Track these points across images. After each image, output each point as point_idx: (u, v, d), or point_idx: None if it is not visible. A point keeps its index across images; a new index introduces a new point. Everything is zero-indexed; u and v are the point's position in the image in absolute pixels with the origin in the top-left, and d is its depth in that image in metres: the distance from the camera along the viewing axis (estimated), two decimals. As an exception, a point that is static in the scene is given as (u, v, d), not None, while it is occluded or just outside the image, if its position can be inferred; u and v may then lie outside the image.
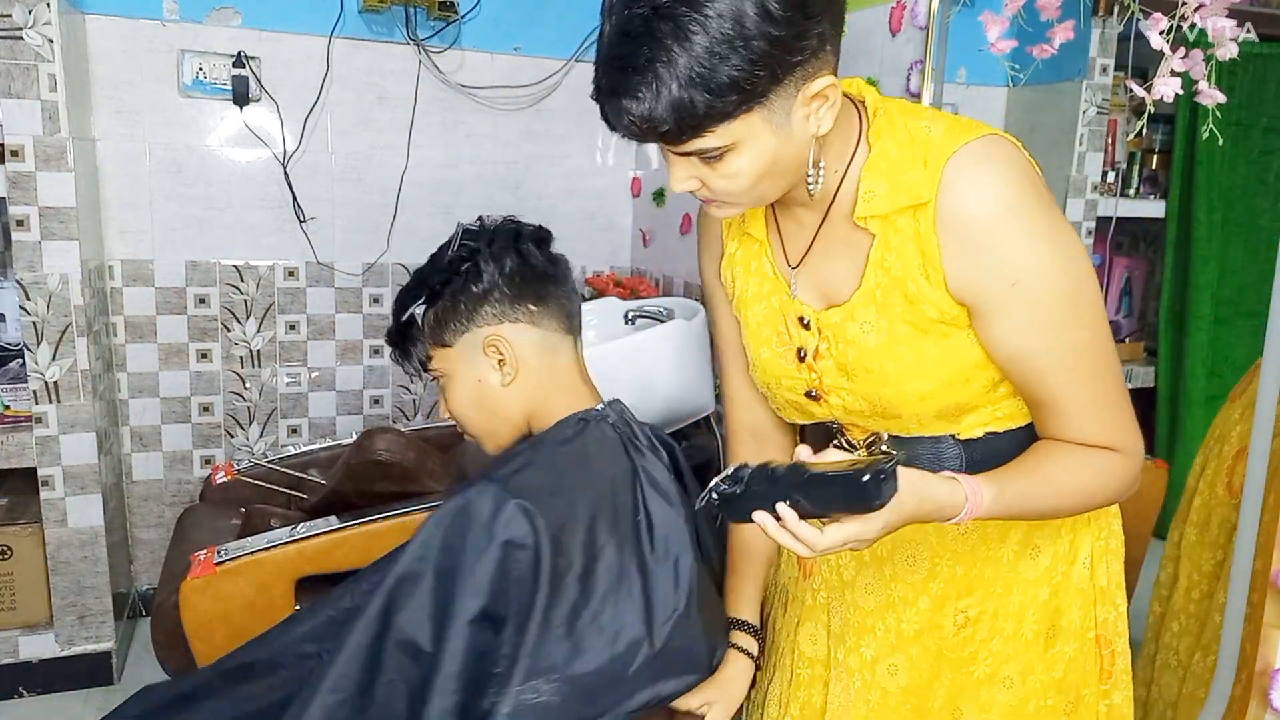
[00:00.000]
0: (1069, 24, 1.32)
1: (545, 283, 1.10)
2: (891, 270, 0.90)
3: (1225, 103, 1.28)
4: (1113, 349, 0.90)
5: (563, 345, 1.12)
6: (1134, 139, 2.87)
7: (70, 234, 2.00)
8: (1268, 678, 1.02)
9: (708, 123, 0.78)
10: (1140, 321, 3.16)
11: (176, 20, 2.30)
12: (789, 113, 0.81)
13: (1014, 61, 2.18)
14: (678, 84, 0.75)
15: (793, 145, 0.83)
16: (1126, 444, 0.91)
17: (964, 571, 1.01)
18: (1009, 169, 0.85)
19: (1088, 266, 0.88)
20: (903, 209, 0.87)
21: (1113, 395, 0.90)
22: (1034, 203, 0.85)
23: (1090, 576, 1.02)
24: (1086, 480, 0.91)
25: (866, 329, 0.92)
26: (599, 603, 0.99)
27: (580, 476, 1.04)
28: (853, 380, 0.95)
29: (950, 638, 1.02)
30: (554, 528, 0.97)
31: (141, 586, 2.51)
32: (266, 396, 2.57)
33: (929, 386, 0.92)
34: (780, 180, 0.87)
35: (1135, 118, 2.81)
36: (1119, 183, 2.79)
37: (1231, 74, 2.59)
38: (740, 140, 0.80)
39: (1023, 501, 0.89)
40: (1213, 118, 1.38)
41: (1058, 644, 1.01)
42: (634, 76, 0.77)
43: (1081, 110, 2.52)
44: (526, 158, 2.71)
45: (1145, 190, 2.92)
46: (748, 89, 0.77)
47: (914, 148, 0.87)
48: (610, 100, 0.80)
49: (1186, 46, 1.24)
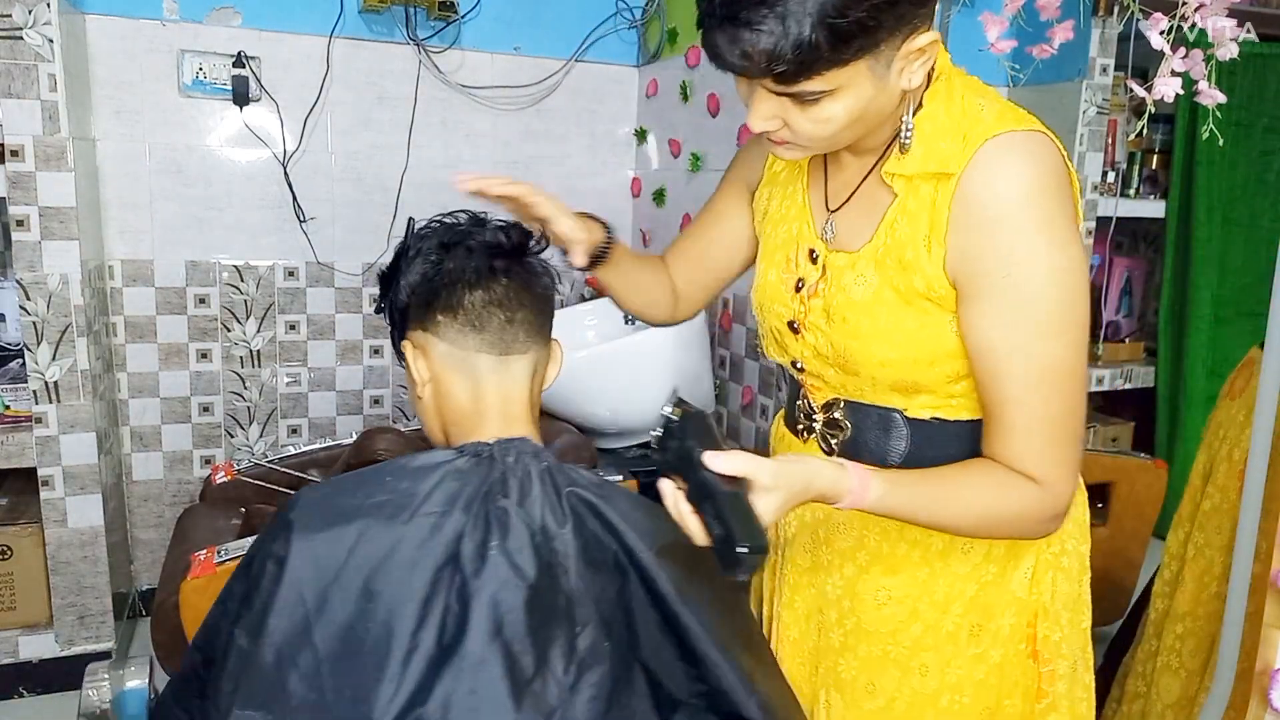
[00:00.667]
0: (1069, 24, 1.32)
1: (461, 291, 0.94)
2: (898, 233, 0.89)
3: (1225, 103, 1.28)
4: (1081, 385, 0.86)
5: (485, 363, 0.94)
6: (1134, 139, 2.87)
7: (70, 234, 2.00)
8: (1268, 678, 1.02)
9: (826, 66, 0.76)
10: (1140, 321, 3.16)
11: (176, 20, 2.30)
12: (890, 64, 0.79)
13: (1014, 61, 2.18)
14: (810, 22, 0.72)
15: (885, 96, 0.82)
16: (1052, 480, 0.87)
17: (889, 549, 0.99)
18: (1042, 166, 0.84)
19: (1083, 289, 0.86)
20: (929, 175, 0.86)
21: (1060, 425, 0.86)
22: (1054, 205, 0.84)
23: (1031, 587, 0.98)
24: (992, 503, 0.88)
25: (859, 282, 0.92)
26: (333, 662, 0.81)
27: (387, 513, 0.86)
28: (830, 324, 0.95)
29: (871, 612, 1.01)
30: (315, 552, 0.84)
31: (141, 586, 2.51)
32: (266, 396, 2.57)
33: (893, 355, 0.91)
34: (861, 129, 0.86)
35: (1135, 118, 2.81)
36: (1119, 183, 2.79)
37: (1231, 74, 2.59)
38: (843, 86, 0.78)
39: (913, 506, 0.87)
40: (1213, 118, 1.38)
41: (983, 645, 0.99)
42: (761, 7, 0.73)
43: (1081, 110, 2.52)
44: (526, 158, 2.71)
45: (1145, 190, 2.93)
46: (871, 36, 0.75)
47: (962, 120, 0.86)
48: (725, 28, 0.75)
49: (1186, 46, 1.24)
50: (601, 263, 1.09)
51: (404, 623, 0.80)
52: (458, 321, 0.93)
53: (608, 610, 0.85)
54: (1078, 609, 1.02)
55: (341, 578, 0.82)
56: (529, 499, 0.87)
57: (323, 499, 0.89)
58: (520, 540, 0.84)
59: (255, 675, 0.81)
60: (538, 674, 0.79)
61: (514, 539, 0.84)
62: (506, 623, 0.80)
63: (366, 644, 0.80)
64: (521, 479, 0.88)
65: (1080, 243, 0.86)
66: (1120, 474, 2.23)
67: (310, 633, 0.82)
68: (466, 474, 0.88)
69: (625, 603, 0.87)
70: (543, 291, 0.98)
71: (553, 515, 0.87)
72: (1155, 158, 2.96)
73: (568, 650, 0.81)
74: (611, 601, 0.86)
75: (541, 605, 0.82)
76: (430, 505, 0.85)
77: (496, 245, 0.95)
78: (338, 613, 0.82)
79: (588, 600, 0.84)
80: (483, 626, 0.80)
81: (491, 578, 0.82)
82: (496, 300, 0.93)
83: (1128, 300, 3.12)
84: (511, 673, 0.78)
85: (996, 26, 1.34)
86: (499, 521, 0.85)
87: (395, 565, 0.82)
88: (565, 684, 0.80)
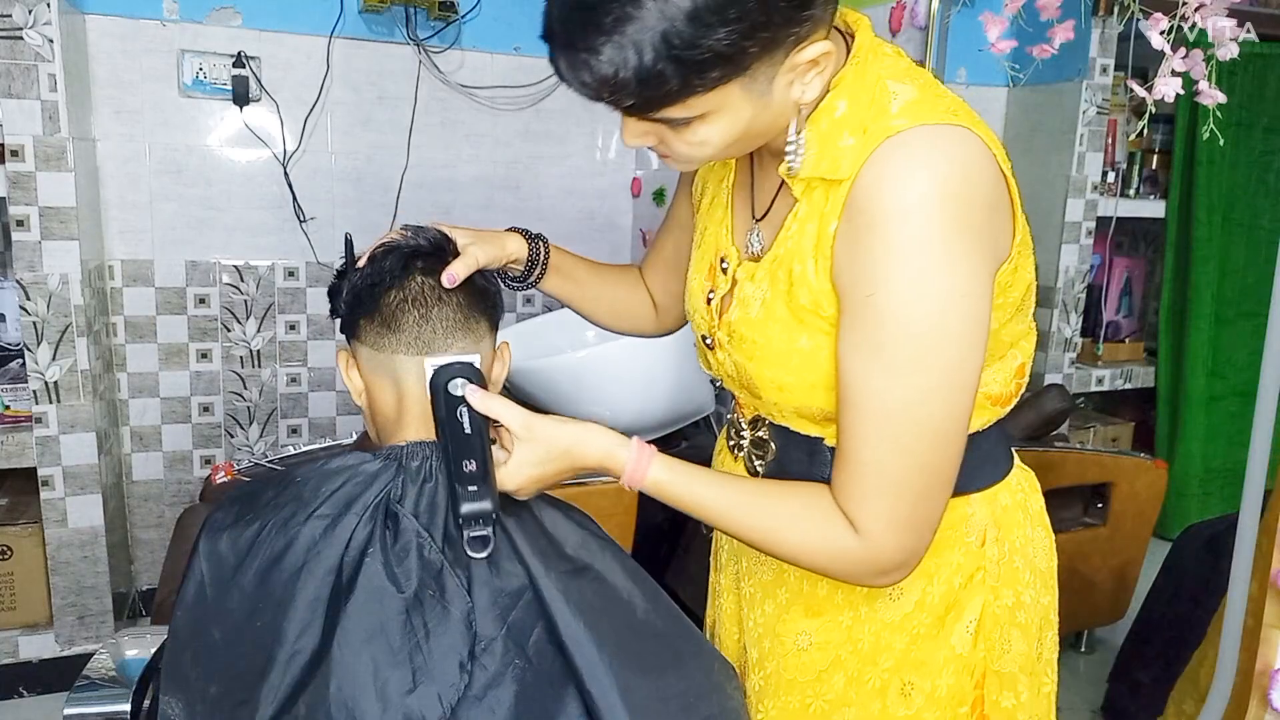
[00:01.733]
0: (1069, 24, 1.32)
1: (379, 293, 0.90)
2: (792, 242, 0.79)
3: (1225, 103, 1.28)
4: (938, 439, 0.74)
5: (405, 364, 0.90)
6: (1134, 139, 2.87)
7: (70, 234, 2.00)
8: (1268, 678, 1.02)
9: (679, 98, 0.68)
10: (1140, 321, 3.17)
11: (176, 20, 2.30)
12: (772, 80, 0.71)
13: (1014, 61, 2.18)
14: (651, 53, 0.64)
15: (770, 113, 0.73)
16: (873, 533, 0.75)
17: (810, 588, 0.89)
18: (947, 173, 0.70)
19: (967, 331, 0.72)
20: (820, 180, 0.76)
21: (893, 478, 0.74)
22: (947, 222, 0.70)
23: (975, 646, 0.86)
24: (794, 534, 0.78)
25: (755, 295, 0.83)
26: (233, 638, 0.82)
27: (286, 513, 0.85)
28: (731, 343, 0.86)
29: (791, 657, 0.90)
30: (227, 544, 0.86)
31: (141, 586, 2.51)
32: (266, 396, 2.57)
33: (788, 380, 0.81)
34: (751, 143, 0.78)
35: (1135, 118, 2.81)
36: (1119, 183, 2.79)
37: (1231, 74, 2.60)
38: (712, 111, 0.70)
39: (695, 500, 0.80)
40: (1213, 118, 1.38)
41: (914, 707, 0.86)
42: (597, 35, 0.65)
43: (1081, 110, 2.53)
44: (526, 158, 2.71)
45: (1145, 190, 2.93)
46: (732, 63, 0.66)
47: (866, 112, 0.74)
48: (565, 53, 0.68)
49: (1187, 46, 1.24)
50: (540, 275, 1.03)
51: (290, 625, 0.79)
52: (375, 324, 0.90)
53: (522, 625, 0.81)
54: (1039, 670, 0.90)
55: (238, 576, 0.83)
56: (433, 505, 0.84)
57: (239, 497, 0.90)
58: (405, 547, 0.81)
59: (173, 664, 0.85)
60: (418, 687, 0.76)
61: (399, 547, 0.81)
62: (376, 634, 0.78)
63: (256, 644, 0.80)
64: (424, 484, 0.85)
65: (981, 269, 0.72)
66: (1120, 474, 2.24)
67: (210, 629, 0.83)
68: (372, 477, 0.86)
69: (543, 619, 0.81)
70: (468, 284, 0.92)
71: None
72: (1155, 158, 2.96)
73: (466, 665, 0.78)
74: (526, 618, 0.81)
75: (427, 617, 0.79)
76: (326, 508, 0.83)
77: (414, 248, 0.92)
78: (235, 611, 0.83)
79: (492, 613, 0.80)
80: (354, 636, 0.78)
81: (365, 586, 0.79)
82: (410, 298, 0.89)
83: (1128, 300, 3.12)
84: (376, 684, 0.76)
85: (997, 26, 1.35)
86: (389, 527, 0.83)
87: (285, 567, 0.82)
88: (454, 698, 0.76)
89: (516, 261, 1.01)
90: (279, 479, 0.91)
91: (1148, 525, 2.33)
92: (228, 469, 2.05)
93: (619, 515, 1.73)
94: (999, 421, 0.88)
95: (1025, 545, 0.90)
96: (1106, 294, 2.99)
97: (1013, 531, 0.89)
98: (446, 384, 0.83)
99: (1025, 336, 0.86)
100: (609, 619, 0.83)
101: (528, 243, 1.02)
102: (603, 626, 0.81)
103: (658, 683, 0.81)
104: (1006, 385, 0.85)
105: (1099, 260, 2.89)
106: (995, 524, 0.87)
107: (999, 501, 0.88)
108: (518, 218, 2.79)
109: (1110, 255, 2.95)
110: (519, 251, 1.01)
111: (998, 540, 0.87)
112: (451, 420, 0.82)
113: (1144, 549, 2.36)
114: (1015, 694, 0.88)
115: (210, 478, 2.07)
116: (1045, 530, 0.94)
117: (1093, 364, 2.88)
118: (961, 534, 0.86)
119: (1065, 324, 2.69)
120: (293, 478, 0.89)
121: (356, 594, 0.79)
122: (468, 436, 0.81)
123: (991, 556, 0.87)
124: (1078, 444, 2.52)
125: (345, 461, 0.88)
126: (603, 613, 0.83)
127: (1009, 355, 0.85)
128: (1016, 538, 0.89)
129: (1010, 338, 0.83)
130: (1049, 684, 0.92)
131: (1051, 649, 0.93)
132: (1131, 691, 1.97)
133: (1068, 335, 2.70)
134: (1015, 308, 0.81)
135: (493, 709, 0.77)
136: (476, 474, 0.79)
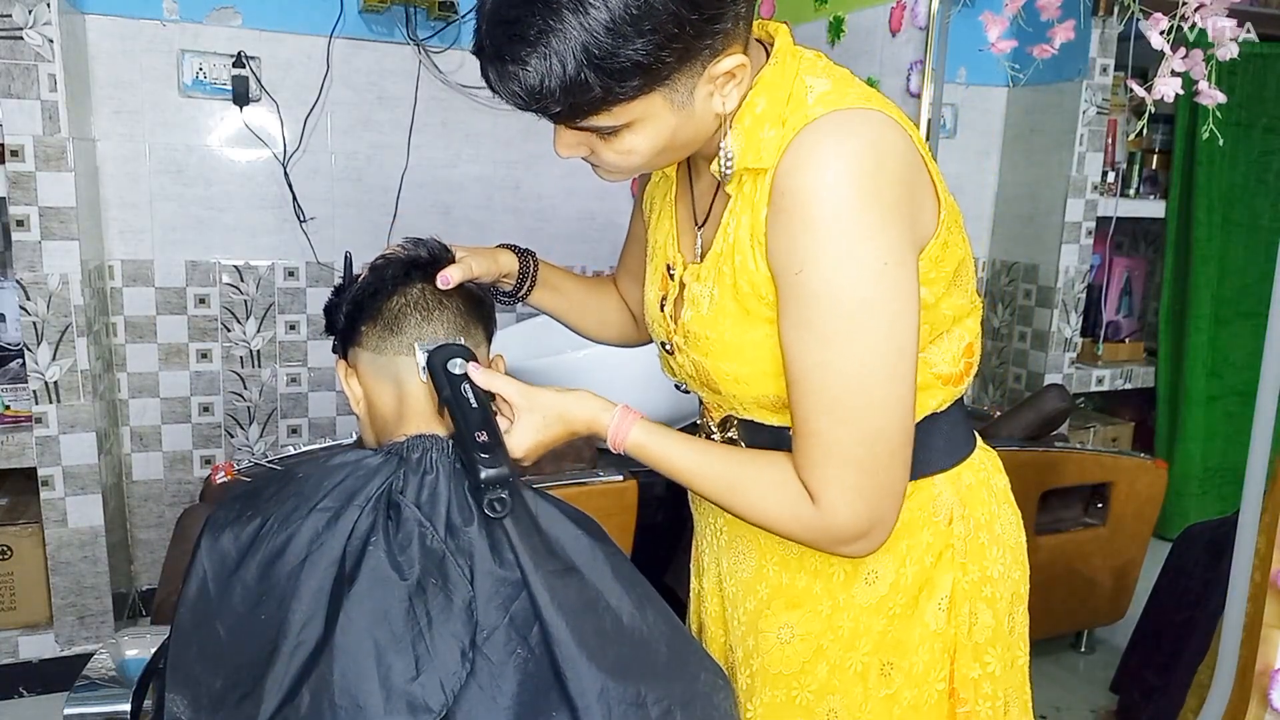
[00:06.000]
0: (1069, 24, 1.32)
1: (380, 300, 0.93)
2: (730, 237, 0.84)
3: (1225, 103, 1.28)
4: (880, 403, 0.77)
5: (407, 365, 0.93)
6: (1134, 139, 2.87)
7: (70, 234, 2.00)
8: (1268, 678, 1.02)
9: (603, 105, 0.73)
10: (1140, 321, 3.17)
11: (176, 20, 2.30)
12: (692, 90, 0.75)
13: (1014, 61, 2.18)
14: (574, 62, 0.69)
15: (694, 122, 0.78)
16: (827, 501, 0.79)
17: (789, 581, 0.92)
18: (860, 153, 0.74)
19: (892, 301, 0.76)
20: (747, 170, 0.81)
21: (839, 445, 0.78)
22: (864, 200, 0.74)
23: (949, 622, 0.89)
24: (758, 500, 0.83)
25: (703, 294, 0.87)
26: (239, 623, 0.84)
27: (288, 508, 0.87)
28: (689, 344, 0.90)
29: (775, 651, 0.93)
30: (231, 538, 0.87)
31: (141, 586, 2.51)
32: (266, 396, 2.57)
33: (744, 371, 0.85)
34: (677, 153, 0.83)
35: (1135, 118, 2.81)
36: (1119, 183, 2.79)
37: (1231, 74, 2.60)
38: (637, 120, 0.75)
39: (670, 461, 0.85)
40: (1213, 118, 1.38)
41: (895, 685, 0.90)
42: (524, 46, 0.69)
43: (1081, 110, 2.53)
44: (526, 158, 2.71)
45: (1145, 190, 2.93)
46: (651, 72, 0.71)
47: (784, 105, 0.79)
48: (495, 65, 0.72)
49: (1186, 46, 1.24)
50: (529, 289, 1.07)
51: (295, 616, 0.80)
52: (377, 328, 0.93)
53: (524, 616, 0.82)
54: (1010, 644, 0.93)
55: (240, 571, 0.85)
56: (434, 495, 0.86)
57: (241, 495, 0.92)
58: (408, 536, 0.83)
59: (177, 662, 0.86)
60: (421, 674, 0.77)
61: (401, 536, 0.83)
62: (379, 621, 0.78)
63: (260, 637, 0.81)
64: (425, 476, 0.87)
65: (900, 241, 0.76)
66: (1120, 474, 2.24)
67: (214, 624, 0.84)
68: (374, 471, 0.87)
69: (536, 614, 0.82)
70: (465, 293, 0.96)
71: (460, 513, 0.85)
72: (1155, 158, 2.96)
73: (468, 653, 0.78)
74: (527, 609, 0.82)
75: (430, 605, 0.80)
76: (328, 501, 0.85)
77: (414, 258, 0.95)
78: (238, 605, 0.84)
79: (495, 601, 0.81)
80: (357, 624, 0.78)
81: (368, 574, 0.80)
82: (411, 302, 0.93)
83: (1128, 300, 3.12)
84: (380, 670, 0.77)
85: (997, 26, 1.35)
86: (391, 518, 0.84)
87: (288, 559, 0.83)
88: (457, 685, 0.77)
89: (508, 276, 1.05)
90: (280, 477, 0.92)
91: (1148, 525, 2.33)
92: (228, 469, 2.05)
93: (619, 515, 1.73)
94: (957, 403, 0.92)
95: (991, 522, 0.93)
96: (1106, 294, 2.99)
97: (978, 509, 0.92)
98: (445, 363, 0.88)
99: (969, 314, 0.89)
100: (591, 620, 0.83)
101: (518, 258, 1.06)
102: (584, 627, 0.81)
103: (636, 687, 0.81)
104: (955, 364, 0.88)
105: (1099, 260, 2.90)
106: (961, 503, 0.91)
107: (963, 481, 0.92)
108: (518, 218, 2.80)
109: (1110, 255, 2.95)
110: (510, 266, 1.05)
111: (964, 518, 0.91)
112: (458, 396, 0.86)
113: (1144, 549, 2.36)
114: (981, 664, 0.91)
115: (210, 478, 2.07)
116: (1011, 507, 0.97)
117: (1093, 364, 2.88)
118: (930, 514, 0.89)
119: (1065, 324, 2.69)
120: (294, 474, 0.90)
121: (360, 582, 0.80)
122: (475, 410, 0.85)
123: (959, 534, 0.90)
124: (1078, 444, 2.52)
125: (346, 457, 0.89)
126: (585, 614, 0.83)
127: (954, 333, 0.88)
128: (981, 515, 0.92)
129: (952, 312, 0.87)
130: (1022, 657, 0.95)
131: (1023, 623, 0.95)
132: (1145, 697, 1.96)
133: (1068, 335, 2.70)
134: (949, 281, 0.85)
135: (495, 697, 0.78)
136: (490, 443, 0.82)
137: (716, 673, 0.92)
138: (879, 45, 2.32)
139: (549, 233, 2.77)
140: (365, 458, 0.89)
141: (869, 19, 2.35)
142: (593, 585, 0.87)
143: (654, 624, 0.89)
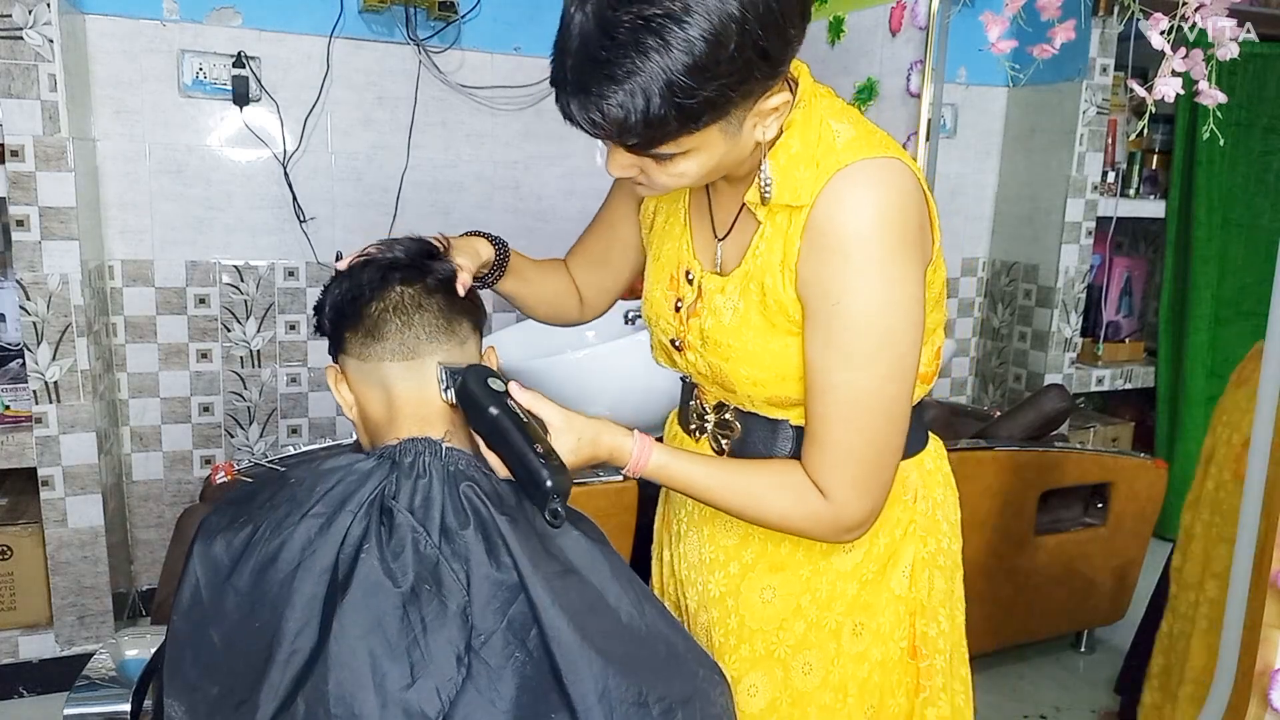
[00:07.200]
0: (1069, 24, 1.32)
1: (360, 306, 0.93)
2: (760, 259, 0.93)
3: (1225, 103, 1.28)
4: (887, 417, 0.90)
5: (394, 371, 0.93)
6: (1134, 139, 2.88)
7: (70, 234, 2.00)
8: (1268, 678, 1.02)
9: (675, 135, 0.80)
10: (1140, 321, 3.17)
11: (176, 20, 2.30)
12: (742, 123, 0.84)
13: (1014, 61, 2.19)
14: (659, 100, 0.76)
15: (738, 149, 0.87)
16: (840, 498, 0.91)
17: (773, 549, 1.03)
18: (889, 199, 0.87)
19: (909, 328, 0.89)
20: (783, 206, 0.90)
21: (855, 450, 0.91)
22: (893, 240, 0.87)
23: (910, 586, 1.03)
24: (776, 502, 0.93)
25: (728, 305, 0.96)
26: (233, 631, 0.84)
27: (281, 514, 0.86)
28: (705, 346, 0.99)
29: (756, 609, 1.03)
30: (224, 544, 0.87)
31: (141, 586, 2.51)
32: (266, 396, 2.57)
33: (763, 375, 0.95)
34: (718, 174, 0.91)
35: (1135, 118, 2.81)
36: (1119, 183, 2.79)
37: (1231, 74, 2.60)
38: (696, 148, 0.83)
39: (691, 483, 0.94)
40: (1213, 118, 1.38)
41: (864, 643, 1.02)
42: (610, 84, 0.76)
43: (1081, 110, 2.53)
44: (526, 158, 2.71)
45: (1145, 190, 2.93)
46: (719, 109, 0.79)
47: (816, 148, 0.89)
48: (579, 96, 0.79)
49: (1187, 46, 1.24)
50: (499, 277, 1.12)
51: (288, 624, 0.80)
52: (359, 335, 0.93)
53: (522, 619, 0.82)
54: (953, 604, 1.07)
55: (233, 578, 0.85)
56: (428, 500, 0.85)
57: (233, 500, 0.92)
58: (401, 542, 0.82)
59: (173, 668, 0.86)
60: (416, 681, 0.77)
61: (394, 542, 0.83)
62: (373, 629, 0.78)
63: (254, 645, 0.81)
64: (418, 480, 0.87)
65: (916, 273, 0.89)
66: (1120, 474, 2.24)
67: (208, 632, 0.84)
68: (366, 475, 0.87)
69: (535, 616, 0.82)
70: (446, 289, 0.96)
71: (455, 516, 0.85)
72: (1155, 158, 2.96)
73: (464, 658, 0.78)
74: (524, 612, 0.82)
75: (424, 611, 0.79)
76: (320, 507, 0.85)
77: (391, 260, 0.95)
78: (232, 613, 0.84)
79: (492, 605, 0.81)
80: (351, 632, 0.78)
81: (361, 581, 0.80)
82: (391, 306, 0.93)
83: (1128, 300, 3.13)
84: (375, 678, 0.76)
85: (997, 26, 1.35)
86: (384, 524, 0.84)
87: (281, 566, 0.83)
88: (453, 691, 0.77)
89: (486, 265, 1.09)
90: (274, 481, 0.92)
91: (1148, 525, 2.33)
92: (228, 469, 2.05)
93: (619, 515, 1.73)
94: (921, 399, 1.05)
95: (943, 502, 1.07)
96: (1106, 294, 2.99)
97: (934, 491, 1.06)
98: (485, 380, 0.88)
99: (940, 324, 1.03)
100: (593, 620, 0.83)
101: (493, 246, 1.11)
102: (587, 628, 0.81)
103: (638, 686, 0.81)
104: (929, 365, 1.01)
105: (1099, 260, 2.90)
106: (922, 484, 1.04)
107: (924, 465, 1.05)
108: (518, 218, 2.81)
109: (1110, 255, 2.95)
110: (489, 255, 1.09)
111: (924, 497, 1.04)
112: (508, 411, 0.86)
113: (1144, 549, 2.36)
114: (937, 622, 1.04)
115: (210, 478, 2.07)
116: (952, 490, 1.11)
117: (1093, 364, 2.88)
118: (900, 493, 1.02)
119: (1065, 324, 2.69)
120: (287, 479, 0.90)
121: (353, 590, 0.79)
122: (527, 423, 0.86)
123: (921, 510, 1.04)
124: (1078, 444, 2.53)
125: (339, 461, 0.89)
126: (586, 614, 0.83)
127: (931, 340, 1.00)
128: (936, 495, 1.06)
129: (932, 324, 0.98)
130: (960, 616, 1.09)
131: (960, 587, 1.10)
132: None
133: (1068, 335, 2.70)
134: (935, 300, 0.97)
135: (493, 702, 0.77)
136: (548, 452, 0.84)
137: (713, 668, 0.93)
138: (879, 45, 2.32)
139: (549, 233, 2.77)
140: (357, 462, 0.88)
141: (869, 19, 2.35)
142: (593, 585, 0.87)
143: (653, 622, 0.89)
